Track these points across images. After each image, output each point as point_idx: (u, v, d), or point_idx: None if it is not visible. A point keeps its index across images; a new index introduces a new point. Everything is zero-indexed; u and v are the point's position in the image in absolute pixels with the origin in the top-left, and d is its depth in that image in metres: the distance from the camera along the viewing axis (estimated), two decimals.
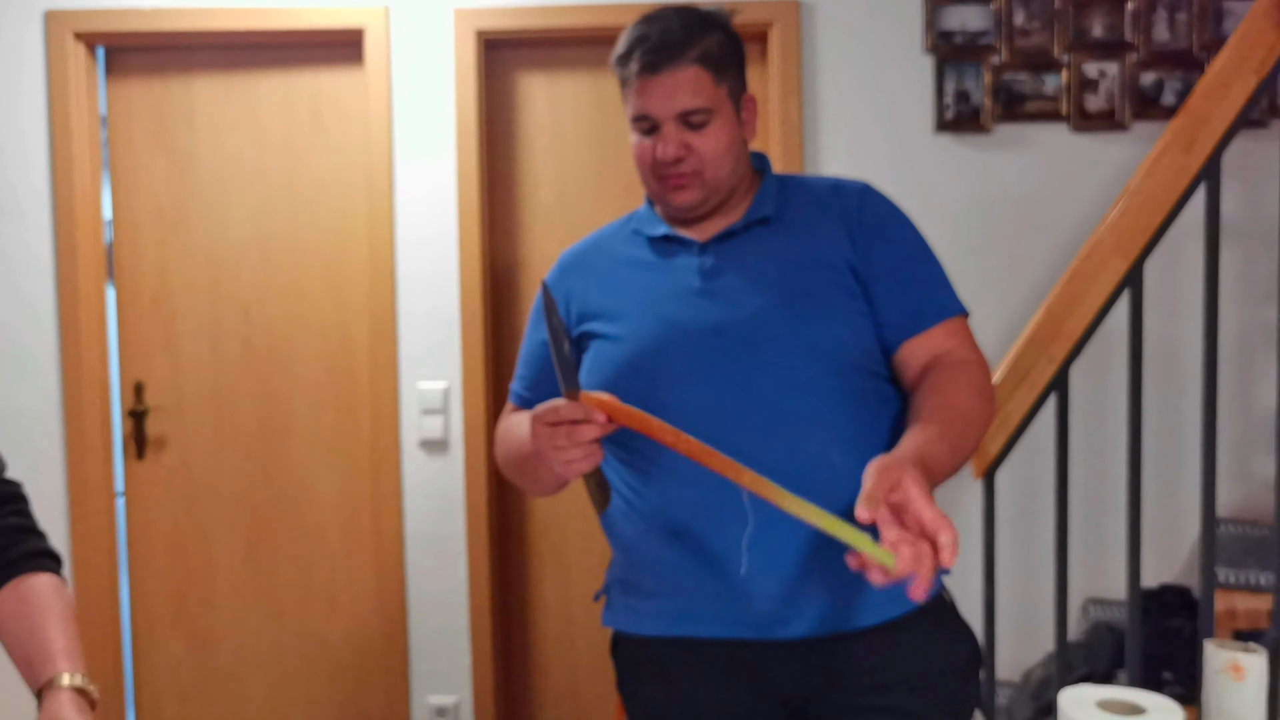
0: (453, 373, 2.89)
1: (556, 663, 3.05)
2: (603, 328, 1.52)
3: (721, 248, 1.51)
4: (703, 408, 1.42)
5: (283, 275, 2.97)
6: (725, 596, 1.43)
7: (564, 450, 1.31)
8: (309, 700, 3.02)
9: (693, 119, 1.46)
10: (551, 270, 1.64)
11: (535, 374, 1.63)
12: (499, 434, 1.64)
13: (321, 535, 3.01)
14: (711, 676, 1.47)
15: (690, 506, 1.42)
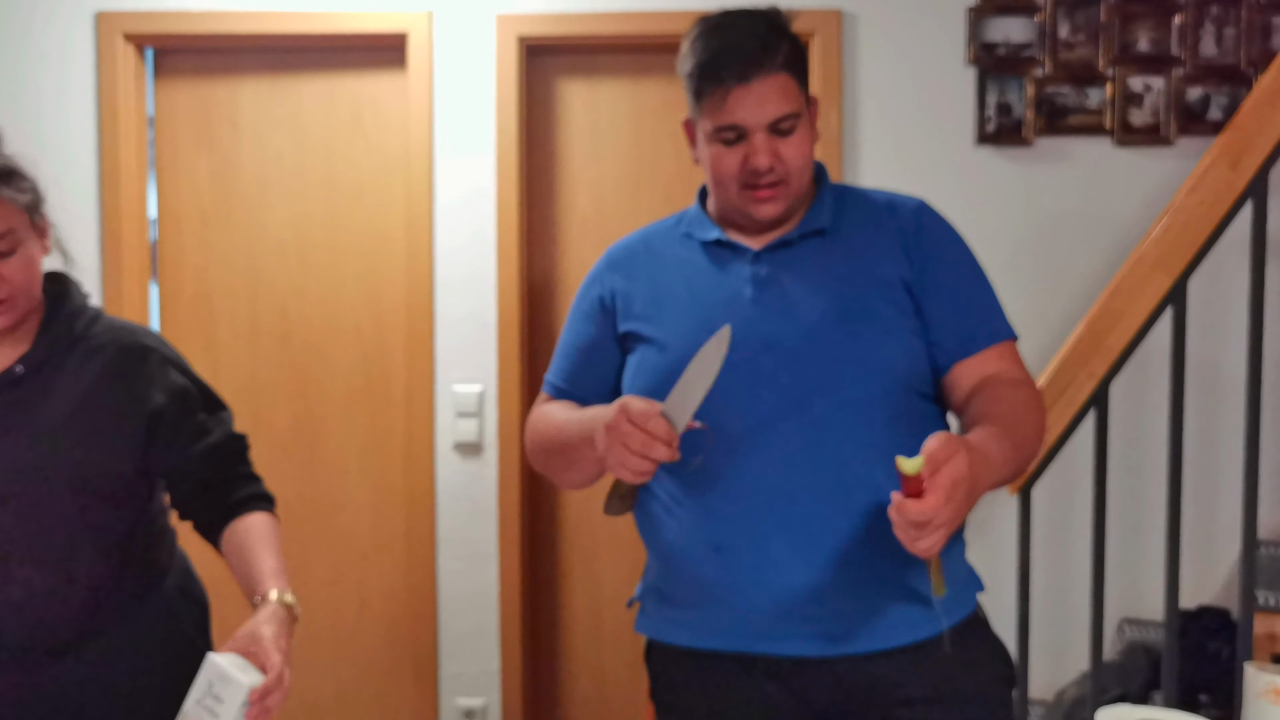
0: (488, 376, 2.90)
1: (584, 669, 3.05)
2: (649, 330, 1.51)
3: (776, 257, 1.49)
4: (751, 424, 1.41)
5: (320, 276, 3.00)
6: (761, 613, 1.42)
7: (630, 455, 1.30)
8: (338, 699, 3.04)
9: (783, 125, 1.44)
10: (598, 263, 1.63)
11: (573, 367, 1.62)
12: (533, 420, 1.63)
13: (353, 535, 3.03)
14: (747, 689, 1.47)
15: (732, 523, 1.41)
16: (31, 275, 1.50)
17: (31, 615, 1.49)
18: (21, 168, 1.51)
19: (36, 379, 1.51)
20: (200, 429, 1.60)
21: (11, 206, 1.46)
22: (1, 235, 1.44)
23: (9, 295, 1.47)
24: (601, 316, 1.58)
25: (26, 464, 1.48)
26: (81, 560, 1.51)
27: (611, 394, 1.58)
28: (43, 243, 1.55)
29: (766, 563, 1.41)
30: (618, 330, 1.56)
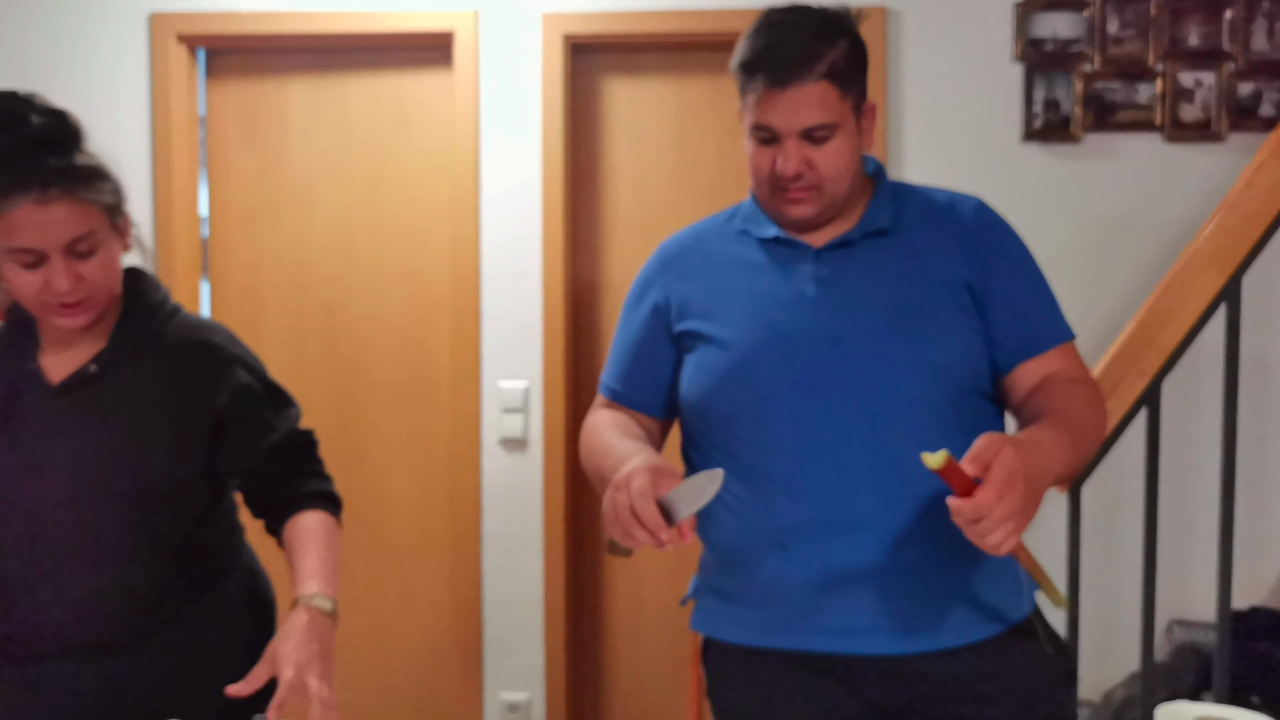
0: (533, 372, 2.92)
1: (627, 664, 3.06)
2: (707, 329, 1.51)
3: (836, 256, 1.49)
4: (812, 424, 1.42)
5: (366, 273, 3.03)
6: (823, 611, 1.42)
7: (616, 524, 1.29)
8: (383, 692, 3.07)
9: (816, 134, 1.43)
10: (650, 261, 1.62)
11: (627, 369, 1.62)
12: (587, 428, 1.63)
13: (398, 531, 3.05)
14: (807, 687, 1.47)
15: (795, 521, 1.41)
16: (110, 275, 1.51)
17: (90, 614, 1.51)
18: (105, 167, 1.51)
19: (108, 378, 1.52)
20: (265, 427, 1.61)
21: (93, 208, 1.46)
22: (82, 238, 1.44)
23: (87, 296, 1.47)
24: (655, 316, 1.58)
25: (92, 465, 1.49)
26: (141, 562, 1.52)
27: (667, 394, 1.59)
28: (124, 241, 1.55)
29: (830, 561, 1.41)
30: (673, 330, 1.56)
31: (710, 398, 1.50)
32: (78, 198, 1.44)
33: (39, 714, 1.47)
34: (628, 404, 1.62)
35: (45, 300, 1.46)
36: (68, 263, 1.44)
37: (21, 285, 1.45)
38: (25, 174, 1.41)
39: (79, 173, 1.45)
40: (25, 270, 1.44)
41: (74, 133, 1.50)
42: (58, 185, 1.42)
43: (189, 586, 1.56)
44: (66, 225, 1.43)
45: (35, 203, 1.41)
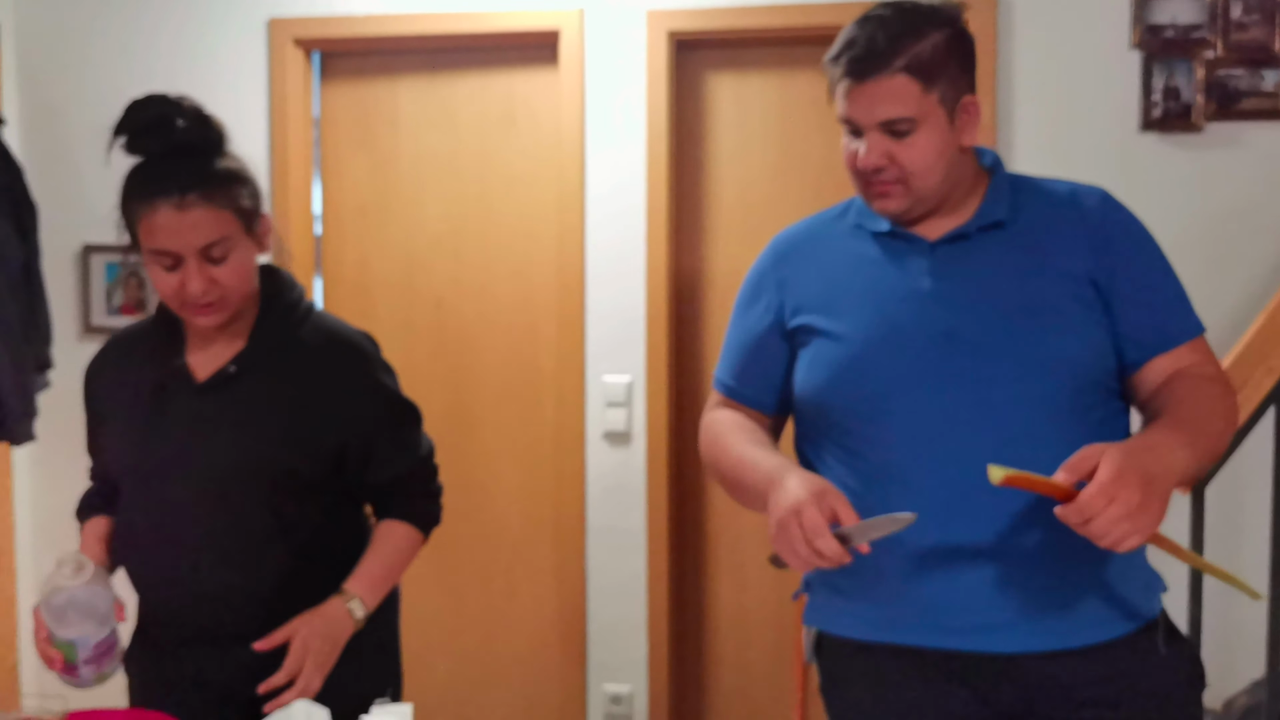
0: (637, 367, 2.94)
1: (730, 658, 3.06)
2: (823, 323, 1.50)
3: (953, 249, 1.47)
4: (929, 418, 1.40)
5: (473, 270, 3.08)
6: (943, 608, 1.41)
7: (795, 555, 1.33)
8: (487, 682, 3.12)
9: (896, 128, 1.41)
10: (764, 255, 1.62)
11: (742, 363, 1.62)
12: (709, 429, 1.63)
13: (503, 523, 3.10)
14: (926, 685, 1.45)
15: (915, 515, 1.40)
16: (243, 278, 1.55)
17: (221, 606, 1.58)
18: (245, 171, 1.56)
19: (248, 378, 1.57)
20: (401, 445, 1.69)
21: (228, 214, 1.50)
22: (216, 243, 1.49)
23: (220, 297, 1.52)
24: (768, 311, 1.58)
25: (230, 464, 1.55)
26: (273, 558, 1.58)
27: (781, 391, 1.59)
28: (260, 244, 1.59)
29: (949, 557, 1.40)
30: (787, 325, 1.56)
31: (824, 392, 1.49)
32: (214, 203, 1.48)
33: (174, 697, 1.54)
34: (741, 400, 1.62)
35: (181, 300, 1.52)
36: (201, 266, 1.49)
37: (161, 285, 1.51)
38: (166, 178, 1.47)
39: (217, 178, 1.50)
40: (164, 271, 1.50)
41: (217, 137, 1.55)
42: (195, 190, 1.47)
43: (316, 578, 1.61)
44: (201, 230, 1.48)
45: (174, 208, 1.46)
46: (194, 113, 1.53)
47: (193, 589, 1.57)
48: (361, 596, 1.58)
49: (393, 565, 1.65)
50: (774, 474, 1.41)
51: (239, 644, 1.58)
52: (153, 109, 1.51)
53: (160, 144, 1.50)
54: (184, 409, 1.57)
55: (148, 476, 1.57)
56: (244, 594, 1.57)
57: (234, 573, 1.57)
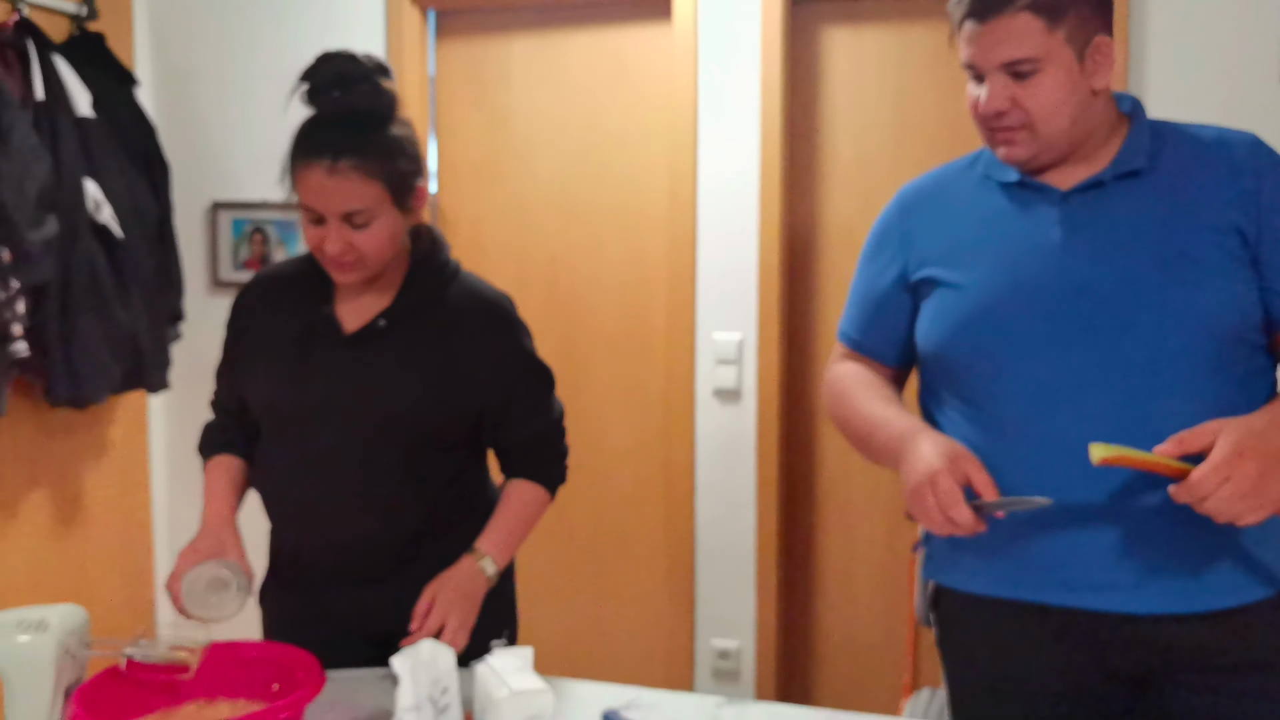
0: (748, 324, 2.92)
1: (839, 615, 3.05)
2: (947, 275, 1.48)
3: (1086, 199, 1.42)
4: (1057, 374, 1.37)
5: (585, 227, 3.10)
6: (1067, 564, 1.39)
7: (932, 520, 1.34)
8: (598, 633, 3.17)
9: (1019, 69, 1.37)
10: (889, 207, 1.60)
11: (866, 316, 1.61)
12: (835, 383, 1.63)
13: (615, 480, 3.13)
14: (1047, 642, 1.43)
15: (1038, 473, 1.38)
16: (383, 245, 1.56)
17: (356, 553, 1.64)
18: (409, 143, 1.57)
19: (395, 332, 1.61)
20: (538, 407, 1.73)
21: (378, 185, 1.52)
22: (359, 211, 1.51)
23: (355, 261, 1.55)
24: (892, 264, 1.56)
25: (375, 416, 1.60)
26: (406, 508, 1.63)
27: (904, 344, 1.57)
28: (410, 215, 1.60)
29: (1073, 514, 1.37)
30: (910, 278, 1.53)
31: (947, 345, 1.47)
32: (365, 173, 1.50)
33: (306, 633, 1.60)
34: (865, 352, 1.61)
35: (321, 255, 1.56)
36: (341, 229, 1.52)
37: (307, 235, 1.57)
38: (326, 140, 1.50)
39: (375, 148, 1.52)
40: (310, 224, 1.55)
41: (389, 106, 1.56)
42: (350, 158, 1.49)
43: (444, 529, 1.67)
44: (347, 198, 1.51)
45: (325, 171, 1.49)
46: (372, 78, 1.55)
47: (329, 532, 1.63)
48: (493, 555, 1.63)
49: (522, 524, 1.70)
50: (906, 435, 1.41)
51: (369, 586, 1.64)
52: (335, 66, 1.54)
53: (332, 104, 1.53)
54: (331, 357, 1.61)
55: (292, 420, 1.63)
56: (377, 540, 1.63)
57: (369, 520, 1.62)
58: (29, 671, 1.27)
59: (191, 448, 3.28)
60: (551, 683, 1.41)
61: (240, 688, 1.43)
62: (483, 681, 1.24)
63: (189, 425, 3.29)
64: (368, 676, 1.60)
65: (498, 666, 1.25)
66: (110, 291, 2.81)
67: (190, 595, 1.48)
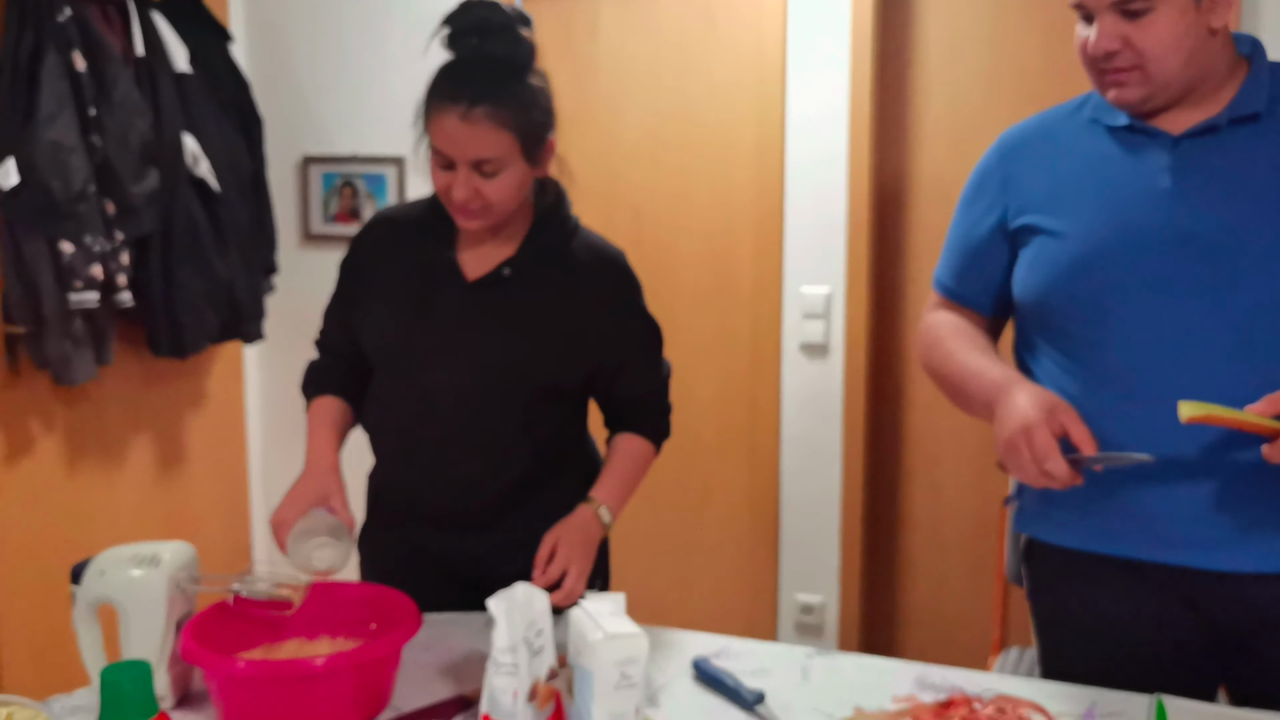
0: (836, 278, 2.89)
1: (923, 574, 3.03)
2: (1048, 223, 1.44)
3: (1199, 144, 1.37)
4: (1161, 325, 1.34)
5: (672, 178, 3.08)
6: (1163, 520, 1.36)
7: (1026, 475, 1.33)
8: (683, 586, 3.19)
9: (1131, 7, 1.31)
10: (990, 152, 1.56)
11: (962, 266, 1.58)
12: (929, 332, 1.60)
13: (699, 432, 3.13)
14: (1143, 597, 1.41)
15: (1137, 425, 1.34)
16: (509, 195, 1.55)
17: (462, 497, 1.67)
18: (543, 95, 1.57)
19: (517, 283, 1.62)
20: (651, 366, 1.75)
21: (509, 135, 1.51)
22: (489, 160, 1.51)
23: (481, 208, 1.55)
24: (990, 211, 1.53)
25: (494, 363, 1.61)
26: (515, 454, 1.65)
27: (1000, 293, 1.53)
28: (539, 167, 1.60)
29: (1172, 470, 1.34)
30: (1009, 226, 1.50)
31: (1046, 294, 1.44)
32: (498, 123, 1.50)
33: (405, 574, 1.63)
34: (960, 301, 1.58)
35: (447, 200, 1.57)
36: (470, 176, 1.52)
37: (435, 179, 1.57)
38: (462, 86, 1.50)
39: (509, 97, 1.51)
40: (439, 168, 1.55)
41: (527, 56, 1.56)
42: (484, 106, 1.49)
43: (547, 477, 1.69)
44: (478, 145, 1.50)
45: (459, 117, 1.49)
46: (513, 26, 1.54)
47: (438, 476, 1.66)
48: (609, 505, 1.65)
49: (633, 476, 1.72)
50: (1001, 386, 1.39)
51: (470, 531, 1.67)
52: (476, 13, 1.53)
53: (470, 50, 1.53)
54: (453, 302, 1.62)
55: (410, 362, 1.64)
56: (485, 486, 1.66)
57: (479, 464, 1.65)
58: (142, 604, 1.32)
59: (284, 398, 3.38)
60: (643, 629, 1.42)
61: (339, 627, 1.47)
62: (577, 625, 1.25)
63: (282, 376, 3.37)
64: (462, 619, 1.63)
65: (592, 610, 1.26)
66: (208, 244, 2.88)
67: (296, 550, 1.51)
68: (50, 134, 2.47)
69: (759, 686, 1.39)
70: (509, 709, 1.24)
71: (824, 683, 1.43)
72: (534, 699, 1.25)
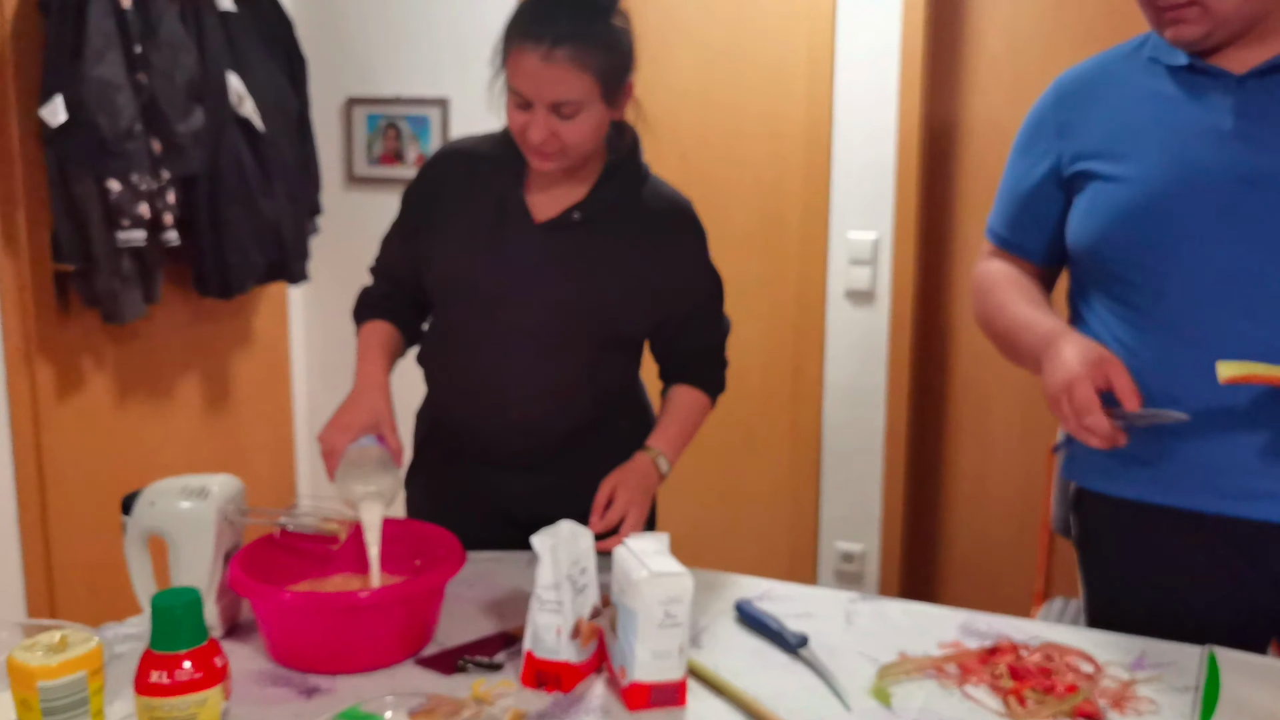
0: (884, 224, 2.84)
1: (966, 526, 3.01)
2: (1105, 168, 1.40)
3: (1264, 83, 1.32)
4: (1221, 267, 1.30)
5: (721, 121, 3.03)
6: (1218, 471, 1.33)
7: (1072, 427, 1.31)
8: (724, 530, 3.19)
9: None
10: (1045, 96, 1.52)
11: (1015, 214, 1.54)
12: (981, 281, 1.58)
13: (742, 377, 3.08)
14: (1200, 547, 1.39)
15: (1192, 372, 1.31)
16: (586, 138, 1.53)
17: (521, 436, 1.66)
18: (625, 38, 1.54)
19: (590, 227, 1.60)
20: (714, 321, 1.73)
21: (590, 77, 1.48)
22: (568, 102, 1.47)
23: (558, 150, 1.52)
24: (1044, 157, 1.49)
25: (564, 306, 1.60)
26: (576, 400, 1.65)
27: (1053, 241, 1.50)
28: (616, 110, 1.57)
29: (1230, 417, 1.31)
30: (1064, 173, 1.46)
31: (1103, 240, 1.40)
32: (579, 64, 1.46)
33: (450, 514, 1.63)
34: (1013, 250, 1.55)
35: (523, 140, 1.53)
36: (548, 118, 1.49)
37: (511, 118, 1.53)
38: (545, 24, 1.46)
39: (592, 38, 1.48)
40: (516, 109, 1.52)
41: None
42: (566, 46, 1.45)
43: (604, 425, 1.68)
44: (558, 87, 1.47)
45: (540, 57, 1.46)
46: None
47: (499, 415, 1.65)
48: (667, 453, 1.65)
49: (690, 427, 1.71)
50: (1049, 338, 1.37)
51: (522, 472, 1.67)
52: None
53: None
54: (524, 243, 1.60)
55: (475, 298, 1.63)
56: (544, 429, 1.65)
57: (542, 407, 1.64)
58: (191, 534, 1.34)
59: (330, 339, 3.40)
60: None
61: (385, 562, 1.48)
62: (621, 563, 1.25)
63: (327, 316, 3.39)
64: (507, 557, 1.64)
65: (637, 549, 1.26)
66: (254, 184, 2.89)
67: (344, 484, 1.48)
68: (97, 71, 2.47)
69: (802, 630, 1.38)
70: (552, 646, 1.24)
71: (868, 627, 1.43)
72: (577, 636, 1.26)
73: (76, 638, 1.00)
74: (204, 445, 3.11)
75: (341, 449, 1.49)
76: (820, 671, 1.30)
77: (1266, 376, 1.21)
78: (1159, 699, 1.23)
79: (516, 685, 1.27)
